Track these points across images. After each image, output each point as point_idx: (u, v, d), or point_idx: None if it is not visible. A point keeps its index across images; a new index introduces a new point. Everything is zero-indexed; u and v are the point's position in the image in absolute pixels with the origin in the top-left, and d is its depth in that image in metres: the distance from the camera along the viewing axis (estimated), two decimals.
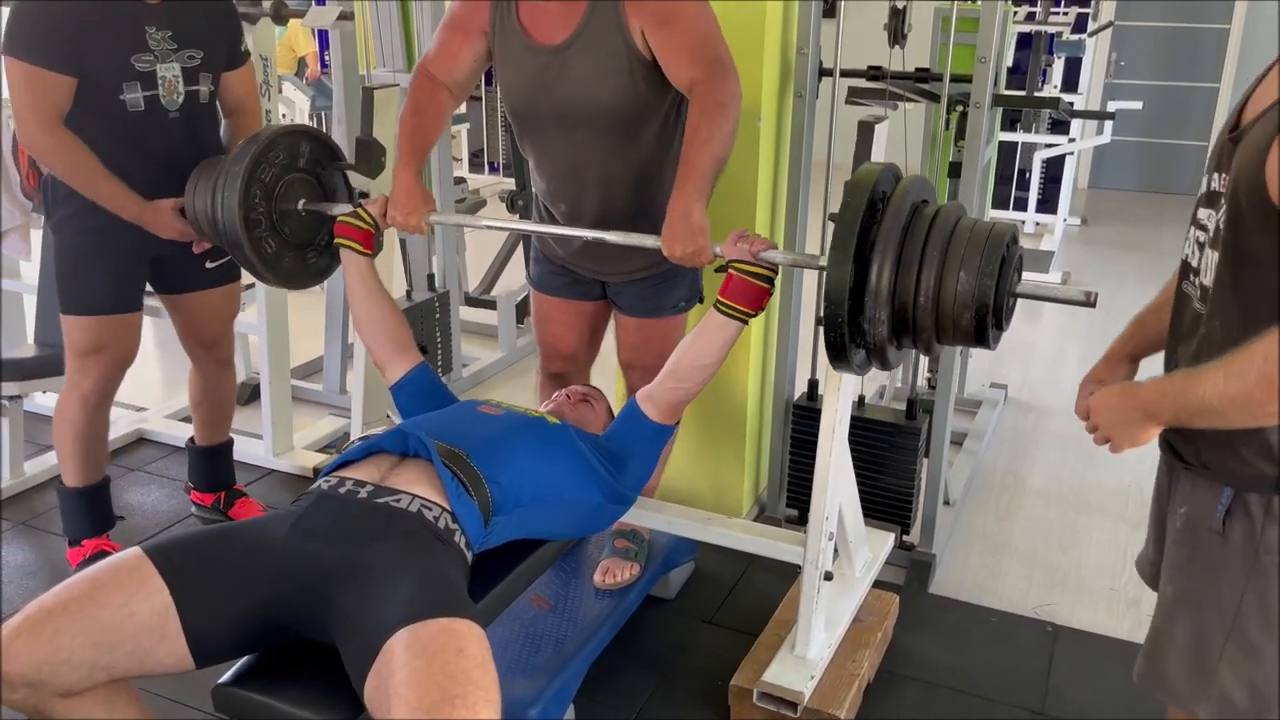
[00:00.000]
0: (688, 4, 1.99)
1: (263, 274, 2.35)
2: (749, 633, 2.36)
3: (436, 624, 1.44)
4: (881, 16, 2.70)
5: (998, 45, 2.44)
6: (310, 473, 3.17)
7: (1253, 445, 1.33)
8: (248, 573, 1.57)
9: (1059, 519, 3.12)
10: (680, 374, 1.97)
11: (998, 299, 1.59)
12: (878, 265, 1.61)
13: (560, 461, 1.90)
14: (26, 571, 2.74)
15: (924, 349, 1.70)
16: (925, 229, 1.62)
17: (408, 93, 2.20)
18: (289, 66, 8.10)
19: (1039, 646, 2.49)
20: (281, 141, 2.28)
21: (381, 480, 1.72)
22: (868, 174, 1.67)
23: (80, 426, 2.56)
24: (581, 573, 2.46)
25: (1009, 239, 1.61)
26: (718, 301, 1.91)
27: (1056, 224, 6.36)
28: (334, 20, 2.99)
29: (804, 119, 2.65)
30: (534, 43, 2.07)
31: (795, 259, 1.93)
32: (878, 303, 1.62)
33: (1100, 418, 1.42)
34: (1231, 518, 1.36)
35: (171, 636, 1.50)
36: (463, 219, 2.60)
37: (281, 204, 2.30)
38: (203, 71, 2.43)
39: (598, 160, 2.14)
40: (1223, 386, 1.23)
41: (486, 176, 7.56)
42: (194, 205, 2.33)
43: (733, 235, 1.90)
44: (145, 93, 2.33)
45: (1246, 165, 1.24)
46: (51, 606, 1.47)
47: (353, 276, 2.21)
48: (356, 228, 2.19)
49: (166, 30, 2.34)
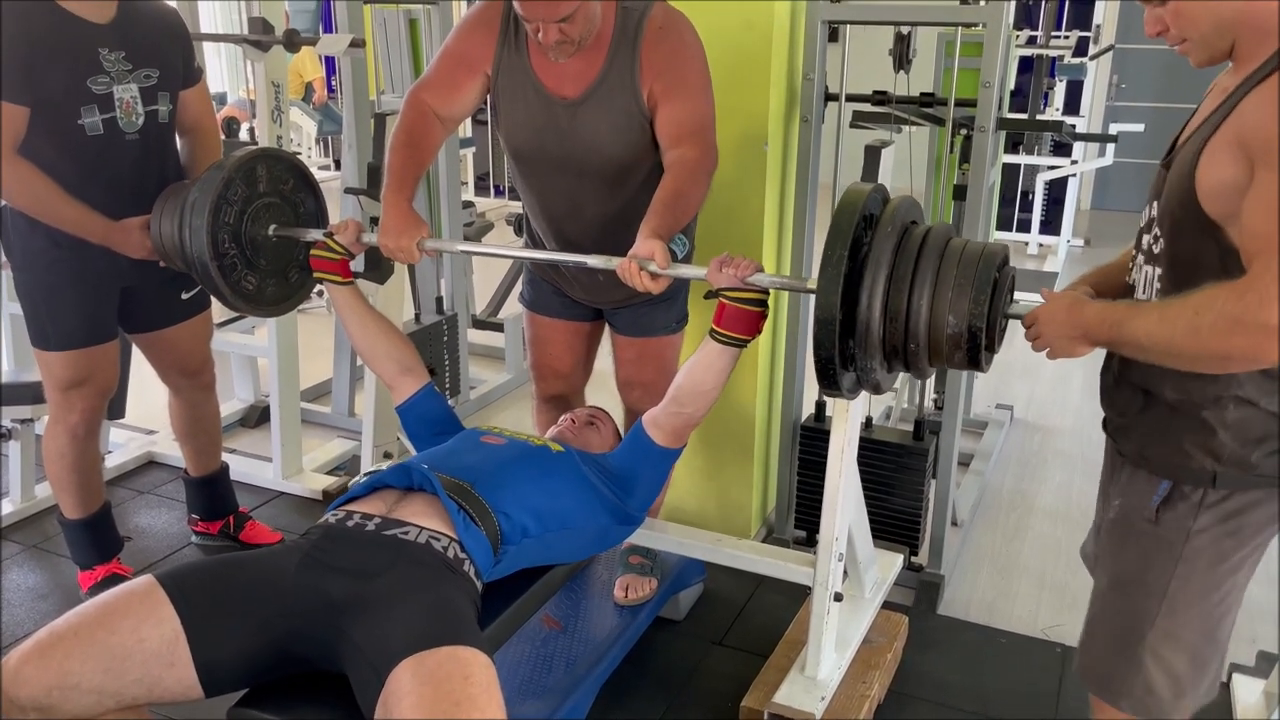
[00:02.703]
0: (700, 81, 2.07)
1: (253, 310, 2.30)
2: (759, 654, 2.36)
3: (443, 652, 1.44)
4: (886, 42, 2.73)
5: (1001, 70, 2.47)
6: (320, 495, 3.18)
7: (1195, 438, 1.40)
8: (258, 603, 1.58)
9: (1067, 539, 3.12)
10: (681, 400, 1.95)
11: (990, 321, 1.57)
12: (868, 287, 1.59)
13: (565, 489, 1.90)
14: (38, 594, 2.74)
15: (916, 372, 1.68)
16: (916, 250, 1.60)
17: (400, 118, 2.17)
18: (296, 91, 8.18)
19: (1049, 667, 2.49)
20: (237, 176, 2.17)
21: (389, 513, 1.73)
22: (856, 195, 1.64)
23: (71, 459, 2.54)
24: (592, 593, 2.47)
25: (1000, 260, 1.59)
26: (713, 330, 1.87)
27: (1060, 245, 6.38)
28: (345, 48, 3.02)
29: (810, 143, 2.67)
30: (547, 92, 2.09)
31: (784, 282, 1.88)
32: (869, 325, 1.60)
33: (1044, 326, 1.45)
34: (1165, 507, 1.43)
35: (181, 664, 1.50)
36: (455, 245, 2.55)
37: (252, 237, 2.22)
38: (160, 90, 2.39)
39: (593, 201, 2.20)
40: (1154, 327, 1.29)
41: (493, 200, 7.61)
42: (162, 244, 2.27)
43: (715, 262, 1.83)
44: (103, 115, 2.28)
45: (1177, 183, 1.34)
46: (62, 631, 1.48)
47: (339, 305, 2.19)
48: (329, 260, 2.16)
49: (120, 50, 2.29)
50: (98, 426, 2.57)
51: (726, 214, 2.64)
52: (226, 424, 3.77)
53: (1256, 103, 1.26)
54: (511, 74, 2.12)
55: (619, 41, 2.04)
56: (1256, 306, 1.18)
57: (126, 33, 2.31)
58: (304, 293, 2.42)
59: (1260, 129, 1.24)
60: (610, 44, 2.04)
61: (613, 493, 1.96)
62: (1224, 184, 1.28)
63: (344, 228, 2.14)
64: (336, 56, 3.31)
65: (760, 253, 2.69)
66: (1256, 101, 1.26)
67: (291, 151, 2.52)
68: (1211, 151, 1.30)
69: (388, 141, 3.01)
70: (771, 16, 2.52)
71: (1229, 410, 1.37)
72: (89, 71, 2.25)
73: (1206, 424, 1.39)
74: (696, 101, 2.07)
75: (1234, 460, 1.39)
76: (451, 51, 2.17)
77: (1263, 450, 1.38)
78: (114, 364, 2.52)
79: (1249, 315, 1.19)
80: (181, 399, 2.78)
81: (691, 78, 2.06)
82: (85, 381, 2.45)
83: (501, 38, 2.10)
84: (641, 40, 2.03)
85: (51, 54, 2.20)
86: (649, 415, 2.02)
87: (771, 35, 2.53)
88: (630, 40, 2.04)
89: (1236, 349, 1.22)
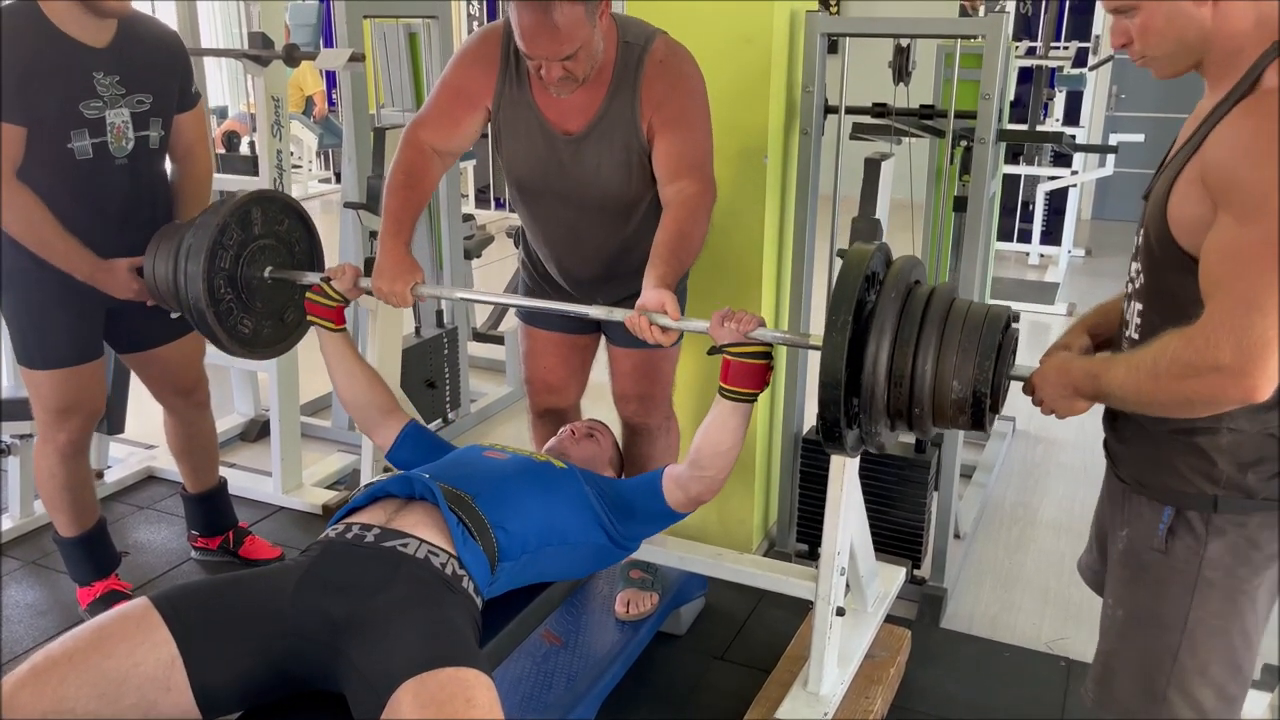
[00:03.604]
0: (699, 114, 2.08)
1: (249, 354, 2.30)
2: (761, 669, 2.35)
3: (444, 674, 1.43)
4: (886, 54, 2.73)
5: (1001, 81, 2.47)
6: (320, 510, 3.17)
7: (1191, 463, 1.38)
8: (255, 624, 1.56)
9: (1070, 551, 3.11)
10: (702, 463, 1.90)
11: (994, 385, 1.57)
12: (873, 350, 1.58)
13: (566, 506, 1.89)
14: (37, 611, 2.73)
15: (920, 432, 1.67)
16: (920, 312, 1.59)
17: (397, 156, 2.16)
18: (297, 105, 8.20)
19: (1053, 681, 2.47)
20: (232, 220, 2.16)
21: (388, 523, 1.72)
22: (861, 255, 1.63)
23: (63, 478, 2.52)
24: (592, 608, 2.46)
25: (1003, 323, 1.59)
26: (721, 389, 1.84)
27: (1061, 256, 6.38)
28: (345, 63, 3.03)
29: (810, 155, 2.67)
30: (550, 127, 2.10)
31: (787, 338, 1.85)
32: (873, 388, 1.59)
33: (1040, 389, 1.49)
34: (1174, 536, 1.40)
35: (177, 688, 1.49)
36: (450, 291, 2.56)
37: (248, 280, 2.22)
38: (153, 116, 2.37)
39: (593, 232, 2.21)
40: (1124, 378, 1.32)
41: (493, 212, 7.62)
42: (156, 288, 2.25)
43: (717, 316, 1.82)
44: (94, 140, 2.25)
45: (1153, 216, 1.34)
46: (57, 656, 1.46)
47: (328, 352, 2.17)
48: (325, 305, 2.14)
49: (115, 74, 2.26)
50: (87, 444, 2.56)
51: (726, 227, 2.64)
52: (226, 438, 3.77)
53: (1219, 139, 1.25)
54: (514, 108, 2.11)
55: (620, 76, 2.04)
56: (1204, 349, 1.19)
57: (122, 57, 2.29)
58: (300, 333, 2.41)
59: (1220, 167, 1.23)
60: (612, 79, 2.04)
61: (610, 518, 1.95)
62: (1195, 219, 1.27)
63: (341, 273, 2.13)
64: (336, 71, 3.31)
65: (760, 263, 2.69)
66: (1219, 138, 1.25)
67: (291, 164, 2.52)
68: (1182, 186, 1.29)
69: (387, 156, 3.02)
70: (771, 29, 2.52)
71: (1223, 435, 1.36)
72: (82, 95, 2.23)
73: (1200, 449, 1.37)
74: (695, 135, 2.07)
75: (1232, 484, 1.37)
76: (451, 86, 2.15)
77: (1260, 473, 1.36)
78: (101, 383, 2.51)
79: (1199, 359, 1.20)
80: (176, 417, 2.77)
81: (691, 111, 2.07)
82: (72, 400, 2.44)
83: (502, 72, 2.10)
84: (642, 75, 2.03)
85: (45, 75, 2.18)
86: (672, 470, 1.96)
87: (771, 48, 2.53)
88: (631, 75, 2.04)
89: (1194, 394, 1.23)
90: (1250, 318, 1.17)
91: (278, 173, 3.06)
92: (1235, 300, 1.19)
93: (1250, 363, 1.17)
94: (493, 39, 2.10)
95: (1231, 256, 1.20)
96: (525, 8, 1.84)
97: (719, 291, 2.63)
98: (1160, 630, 1.43)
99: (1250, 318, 1.17)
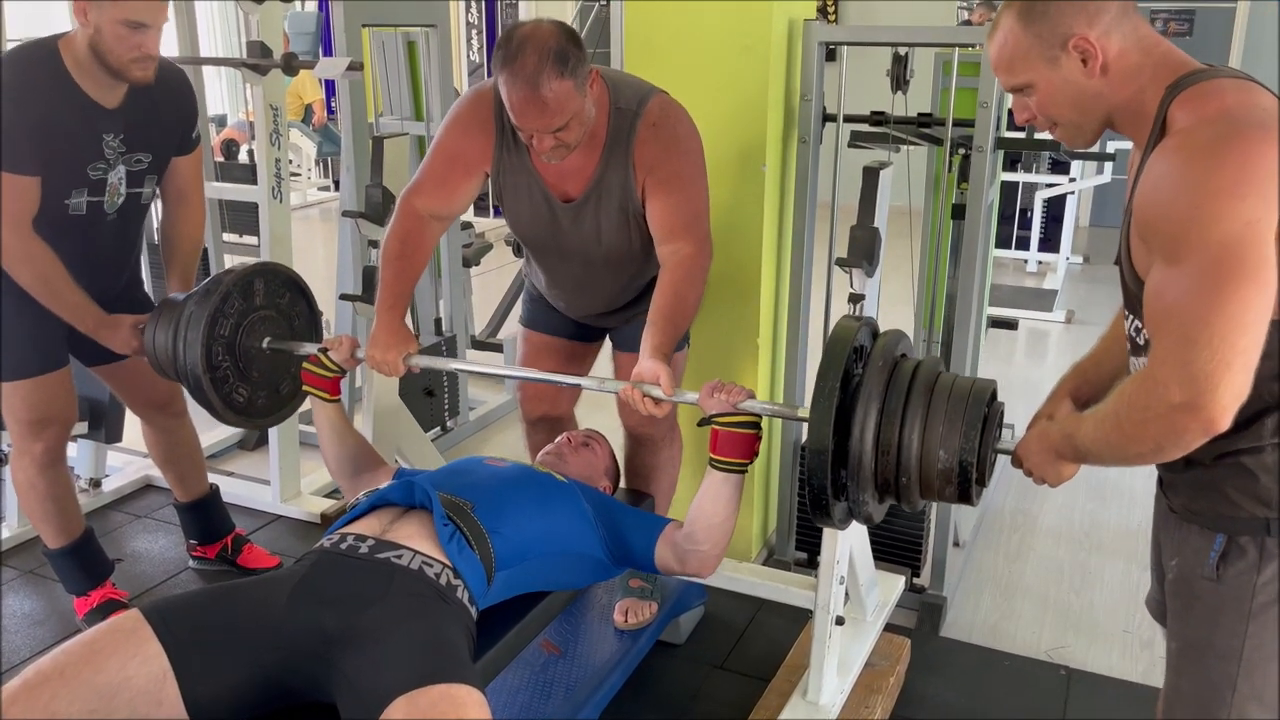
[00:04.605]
0: (692, 173, 2.09)
1: (242, 423, 2.30)
2: (760, 678, 2.34)
3: (435, 690, 1.42)
4: (884, 62, 2.74)
5: (999, 89, 2.47)
6: (318, 518, 3.17)
7: (1240, 485, 1.35)
8: (248, 636, 1.55)
9: (1070, 560, 3.11)
10: (696, 536, 1.87)
11: (980, 456, 1.57)
12: (860, 420, 1.58)
13: (564, 518, 1.88)
14: (34, 621, 2.72)
15: (908, 504, 1.67)
16: (906, 384, 1.60)
17: (392, 226, 2.16)
18: (296, 113, 8.22)
19: (1053, 690, 2.47)
20: (235, 290, 2.19)
21: (383, 534, 1.71)
22: (846, 330, 1.64)
23: (43, 489, 2.51)
24: (591, 617, 2.45)
25: (989, 396, 1.60)
26: (711, 459, 1.84)
27: (1059, 262, 6.38)
28: (343, 71, 3.03)
29: (808, 164, 2.67)
30: (550, 193, 2.12)
31: (776, 410, 1.85)
32: (861, 458, 1.59)
33: (1026, 460, 1.51)
34: (1226, 563, 1.37)
35: (169, 703, 1.48)
36: (444, 362, 2.56)
37: (246, 349, 2.23)
38: (149, 174, 2.38)
39: (599, 280, 2.26)
40: (1094, 432, 1.34)
41: (492, 220, 7.61)
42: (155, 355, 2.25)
43: (707, 387, 1.82)
44: (90, 198, 2.27)
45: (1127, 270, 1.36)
46: (48, 671, 1.45)
47: (320, 421, 2.17)
48: (322, 376, 2.14)
49: (120, 135, 2.28)
50: (64, 454, 2.55)
51: (725, 235, 2.63)
52: (224, 447, 3.77)
53: (1141, 191, 1.27)
54: (514, 174, 2.13)
55: (614, 141, 2.05)
56: (1154, 390, 1.21)
57: (130, 118, 2.29)
58: (295, 405, 2.42)
59: (1145, 217, 1.26)
60: (605, 144, 2.06)
61: (604, 536, 1.93)
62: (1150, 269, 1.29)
63: (339, 344, 2.14)
64: (335, 79, 3.32)
65: (759, 271, 2.69)
66: (1141, 190, 1.27)
67: (290, 173, 2.52)
68: (1134, 240, 1.31)
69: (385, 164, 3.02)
70: (769, 38, 2.52)
71: (1267, 453, 1.32)
72: (91, 157, 2.25)
73: (1248, 470, 1.34)
74: (688, 193, 2.08)
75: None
76: (447, 153, 2.15)
77: None
78: (70, 390, 2.50)
79: (1154, 401, 1.21)
80: (154, 428, 2.75)
81: (684, 172, 2.07)
82: (44, 409, 2.42)
83: (499, 138, 2.10)
84: (635, 138, 2.04)
85: (60, 133, 2.19)
86: (672, 533, 1.91)
87: (769, 57, 2.54)
88: (624, 140, 2.05)
89: (1159, 435, 1.24)
90: (1190, 353, 1.18)
91: (276, 181, 3.06)
92: (1174, 339, 1.20)
93: (1200, 396, 1.18)
94: (485, 103, 2.09)
95: (1165, 296, 1.22)
96: (514, 82, 1.84)
97: (718, 300, 2.63)
98: (1216, 660, 1.39)
99: (1190, 353, 1.18)
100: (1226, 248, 1.16)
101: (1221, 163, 1.17)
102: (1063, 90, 1.33)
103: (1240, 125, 1.20)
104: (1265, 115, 1.21)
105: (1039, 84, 1.34)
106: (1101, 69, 1.31)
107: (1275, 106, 1.24)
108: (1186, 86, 1.27)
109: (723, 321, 2.71)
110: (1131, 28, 1.31)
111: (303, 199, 8.38)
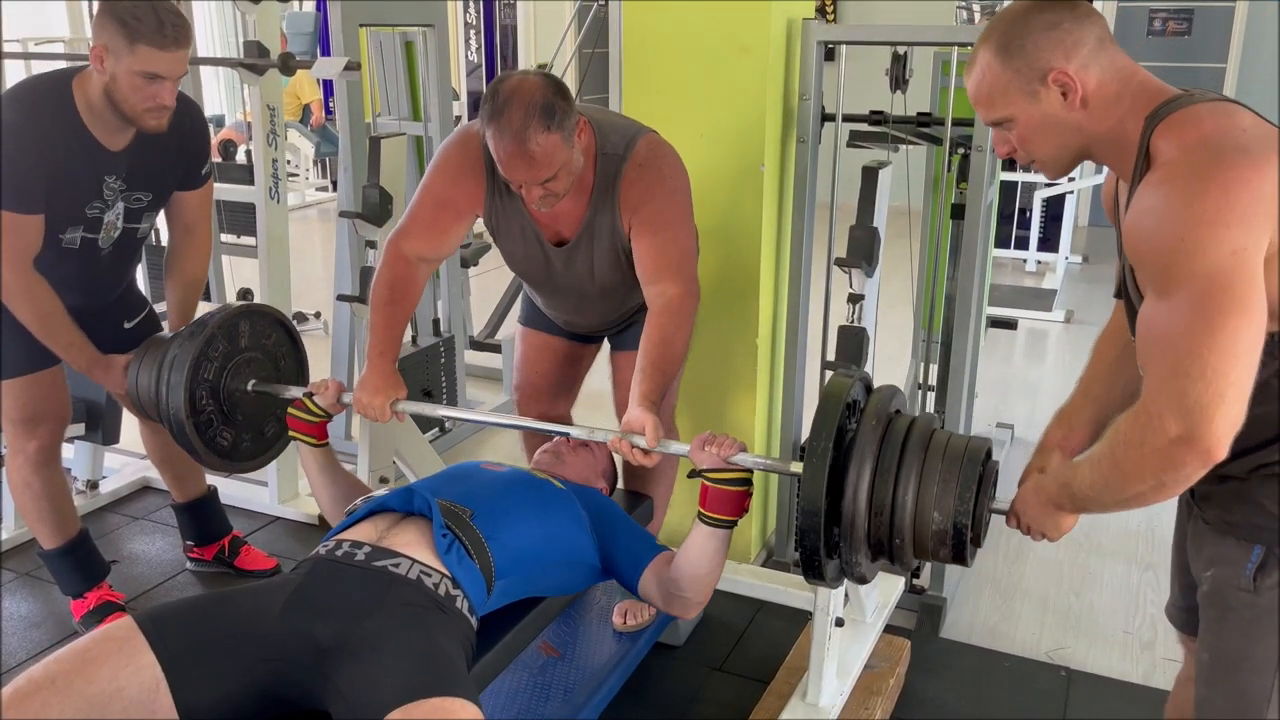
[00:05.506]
0: (678, 214, 2.09)
1: (226, 467, 2.29)
2: (760, 680, 2.34)
3: (430, 704, 1.41)
4: (883, 62, 2.73)
5: None
6: (316, 520, 3.16)
7: (1276, 496, 1.33)
8: (242, 645, 1.53)
9: (1070, 561, 3.10)
10: (680, 584, 1.84)
11: (975, 517, 1.56)
12: (853, 480, 1.57)
13: (562, 525, 1.87)
14: (30, 623, 2.72)
15: (901, 564, 1.66)
16: (900, 443, 1.59)
17: (380, 271, 2.14)
18: (294, 113, 8.21)
19: (1054, 691, 2.46)
20: (219, 333, 2.19)
21: (379, 540, 1.68)
22: (840, 386, 1.63)
23: (38, 488, 2.50)
24: (590, 619, 2.44)
25: (984, 455, 1.59)
26: (700, 514, 1.80)
27: (1058, 262, 6.38)
28: (341, 71, 3.02)
29: (807, 164, 2.67)
30: (543, 236, 2.13)
31: (767, 464, 1.82)
32: (854, 518, 1.58)
33: (1023, 515, 1.52)
34: (1263, 574, 1.35)
35: (162, 711, 1.46)
36: (433, 408, 2.56)
37: (230, 391, 2.22)
38: (147, 211, 2.37)
39: (595, 306, 2.29)
40: (1090, 476, 1.34)
41: None
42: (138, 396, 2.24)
43: (698, 440, 1.79)
44: (85, 234, 2.27)
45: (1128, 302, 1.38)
46: (40, 680, 1.43)
47: (309, 465, 2.14)
48: (307, 421, 2.10)
49: (121, 176, 2.26)
50: (58, 452, 2.54)
51: (724, 235, 2.63)
52: None
53: (1128, 225, 1.27)
54: (506, 218, 2.13)
55: (601, 186, 2.05)
56: (1150, 425, 1.21)
57: (134, 161, 2.27)
58: (280, 448, 2.41)
59: (1136, 252, 1.26)
60: (593, 188, 2.06)
61: (599, 545, 1.92)
62: None
63: (324, 388, 2.10)
64: (333, 79, 3.31)
65: (758, 271, 2.69)
66: (1129, 224, 1.27)
67: (288, 173, 2.51)
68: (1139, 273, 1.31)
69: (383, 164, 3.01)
70: (768, 38, 2.51)
71: None
72: (90, 198, 2.24)
73: None
74: (673, 233, 2.07)
75: None
76: (436, 198, 2.13)
77: None
78: (63, 388, 2.49)
79: (1151, 436, 1.21)
80: (151, 429, 2.73)
81: (668, 212, 2.07)
82: (36, 408, 2.42)
83: (489, 184, 2.09)
84: (621, 180, 2.04)
85: (65, 176, 2.18)
86: (661, 567, 1.88)
87: (768, 56, 2.53)
88: (611, 183, 2.05)
89: (1159, 470, 1.23)
90: (1183, 385, 1.18)
91: (273, 181, 3.06)
92: (1167, 371, 1.20)
93: (1196, 428, 1.17)
94: (473, 147, 2.07)
95: (1155, 329, 1.22)
96: (501, 136, 1.84)
97: (718, 300, 2.62)
98: (1252, 673, 1.38)
99: (1183, 385, 1.18)
100: (1213, 279, 1.16)
101: (1203, 192, 1.17)
102: (1043, 123, 1.33)
103: (1219, 153, 1.19)
104: (1246, 138, 1.21)
105: (1019, 118, 1.34)
106: (1082, 101, 1.31)
107: (1256, 124, 1.24)
108: (1165, 116, 1.27)
109: (722, 322, 2.70)
110: (1109, 59, 1.31)
111: (300, 199, 8.37)
